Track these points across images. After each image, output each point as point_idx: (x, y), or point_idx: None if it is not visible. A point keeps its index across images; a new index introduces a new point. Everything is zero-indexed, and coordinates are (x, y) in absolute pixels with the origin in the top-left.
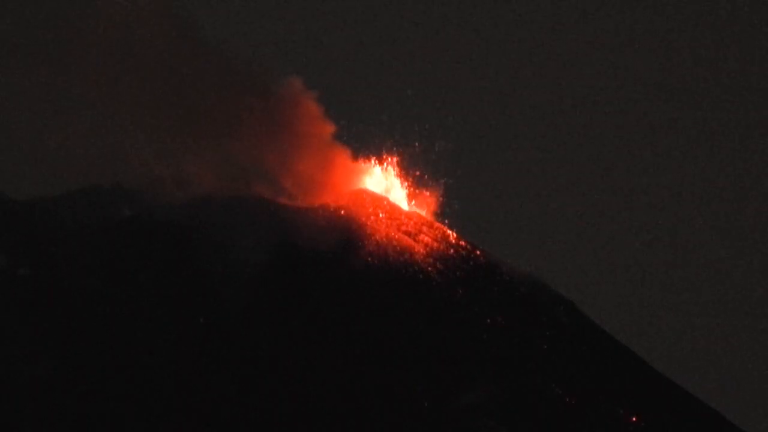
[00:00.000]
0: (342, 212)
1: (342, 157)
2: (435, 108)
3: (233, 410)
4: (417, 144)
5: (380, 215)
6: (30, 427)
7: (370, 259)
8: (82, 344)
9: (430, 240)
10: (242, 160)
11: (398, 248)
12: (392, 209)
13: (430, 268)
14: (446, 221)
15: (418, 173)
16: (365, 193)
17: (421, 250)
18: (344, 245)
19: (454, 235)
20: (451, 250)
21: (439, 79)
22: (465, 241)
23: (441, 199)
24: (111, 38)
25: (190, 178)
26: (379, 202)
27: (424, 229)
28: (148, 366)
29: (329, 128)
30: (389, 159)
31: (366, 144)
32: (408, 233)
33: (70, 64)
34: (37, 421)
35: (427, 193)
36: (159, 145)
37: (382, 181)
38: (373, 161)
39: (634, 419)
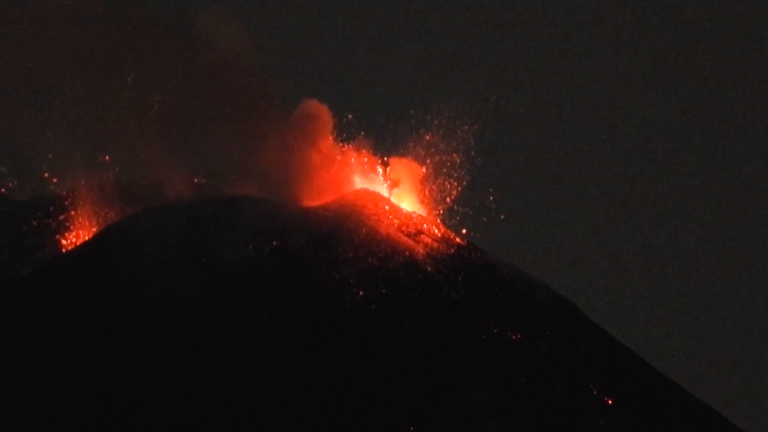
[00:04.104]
0: (343, 212)
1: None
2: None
3: (234, 410)
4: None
5: (381, 216)
6: (30, 427)
7: (370, 259)
8: (81, 344)
9: (430, 240)
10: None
11: (398, 248)
12: (393, 210)
13: (430, 268)
14: (447, 221)
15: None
16: (366, 192)
17: (421, 250)
18: (344, 245)
19: (454, 235)
20: (452, 250)
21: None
22: (465, 241)
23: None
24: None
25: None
26: (380, 202)
27: (425, 229)
28: (147, 366)
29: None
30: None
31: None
32: (408, 233)
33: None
34: (37, 421)
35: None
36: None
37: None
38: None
39: (634, 420)
